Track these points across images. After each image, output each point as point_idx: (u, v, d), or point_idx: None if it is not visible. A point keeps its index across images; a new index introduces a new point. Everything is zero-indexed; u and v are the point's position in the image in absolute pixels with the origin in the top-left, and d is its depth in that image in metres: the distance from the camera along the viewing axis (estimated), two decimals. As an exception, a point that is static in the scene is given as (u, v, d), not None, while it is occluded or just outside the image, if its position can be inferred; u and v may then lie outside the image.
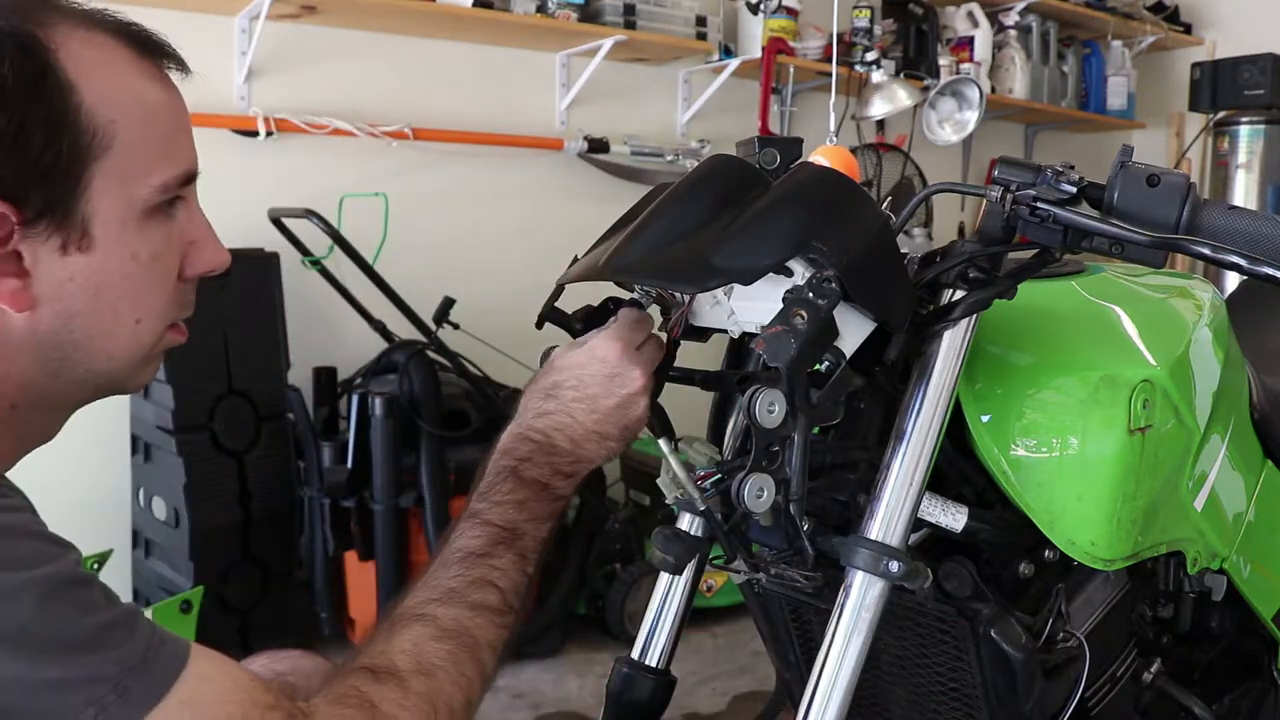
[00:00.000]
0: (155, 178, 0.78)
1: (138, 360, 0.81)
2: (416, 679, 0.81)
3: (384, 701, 0.78)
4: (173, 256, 0.81)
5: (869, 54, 3.66)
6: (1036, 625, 1.07)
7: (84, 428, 3.00)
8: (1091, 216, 0.93)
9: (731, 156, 1.03)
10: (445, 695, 0.82)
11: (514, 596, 0.90)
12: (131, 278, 0.78)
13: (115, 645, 0.68)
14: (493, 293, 3.01)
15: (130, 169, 0.76)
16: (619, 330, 0.98)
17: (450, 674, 0.83)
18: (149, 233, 0.78)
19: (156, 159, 0.78)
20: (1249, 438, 1.31)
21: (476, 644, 0.86)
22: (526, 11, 3.12)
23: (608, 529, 2.98)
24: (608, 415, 0.96)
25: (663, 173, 3.52)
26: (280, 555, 2.64)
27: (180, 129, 0.81)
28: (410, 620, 0.85)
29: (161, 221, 0.79)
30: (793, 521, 0.92)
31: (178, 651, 0.71)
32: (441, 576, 0.88)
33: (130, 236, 0.77)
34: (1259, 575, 1.29)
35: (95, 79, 0.75)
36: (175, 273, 0.82)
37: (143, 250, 0.78)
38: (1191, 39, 4.81)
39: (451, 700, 0.82)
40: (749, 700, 2.64)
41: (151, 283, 0.79)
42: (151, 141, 0.78)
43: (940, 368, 0.98)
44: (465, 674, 0.84)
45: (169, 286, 0.81)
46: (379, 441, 2.64)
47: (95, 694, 0.66)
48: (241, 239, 2.78)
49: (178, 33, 0.84)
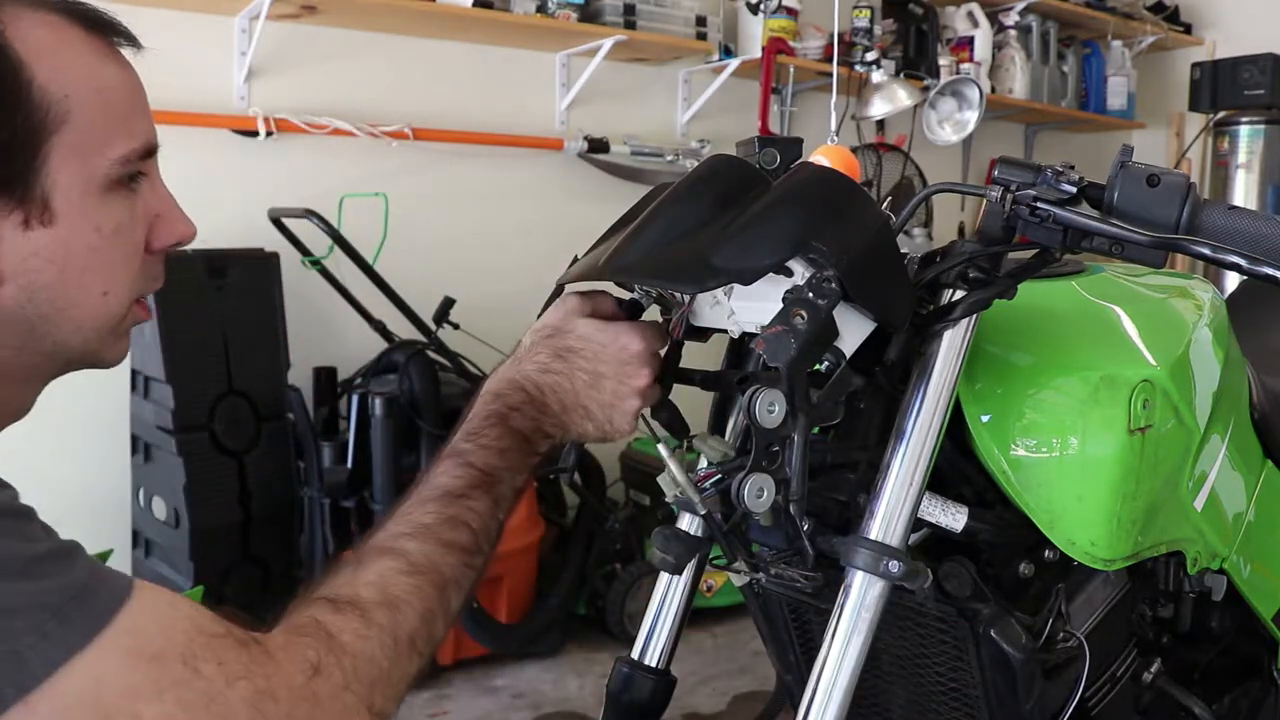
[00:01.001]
0: (114, 151, 0.78)
1: (107, 332, 0.82)
2: (379, 610, 0.80)
3: (343, 631, 0.77)
4: (138, 229, 0.82)
5: (869, 54, 3.66)
6: (1036, 625, 1.07)
7: (84, 428, 2.99)
8: (1091, 216, 0.93)
9: (731, 156, 1.02)
10: (408, 628, 0.81)
11: (485, 540, 0.90)
12: (96, 250, 0.78)
13: (56, 574, 0.68)
14: (493, 293, 3.01)
15: (87, 143, 0.77)
16: (647, 330, 0.99)
17: (415, 608, 0.82)
18: (111, 206, 0.79)
19: (114, 132, 0.78)
20: (1249, 438, 1.31)
21: (444, 581, 0.85)
22: (526, 11, 3.12)
23: (608, 529, 2.98)
24: (602, 397, 0.97)
25: (663, 173, 3.52)
26: (280, 555, 2.64)
27: (136, 103, 0.82)
28: (380, 553, 0.84)
29: (124, 195, 0.80)
30: (793, 521, 0.92)
31: (121, 582, 0.71)
32: (416, 513, 0.88)
33: (92, 210, 0.78)
34: (1259, 575, 1.29)
35: (46, 56, 0.75)
36: (141, 245, 0.83)
37: (106, 223, 0.79)
38: (1191, 39, 4.82)
39: (414, 634, 0.81)
40: (749, 700, 2.64)
41: (117, 255, 0.80)
42: (107, 116, 0.78)
43: (940, 368, 0.98)
44: (430, 610, 0.83)
45: (136, 259, 0.82)
46: (379, 441, 2.64)
47: (36, 620, 0.66)
48: (241, 239, 2.78)
49: (178, 33, 0.84)
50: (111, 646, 0.67)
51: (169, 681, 0.68)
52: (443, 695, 2.66)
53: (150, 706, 0.67)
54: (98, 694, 0.66)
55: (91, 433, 2.75)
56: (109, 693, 0.67)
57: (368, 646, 0.78)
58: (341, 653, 0.76)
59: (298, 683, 0.73)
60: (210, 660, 0.70)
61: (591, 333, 0.98)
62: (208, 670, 0.70)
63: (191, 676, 0.69)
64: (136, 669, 0.68)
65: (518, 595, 2.83)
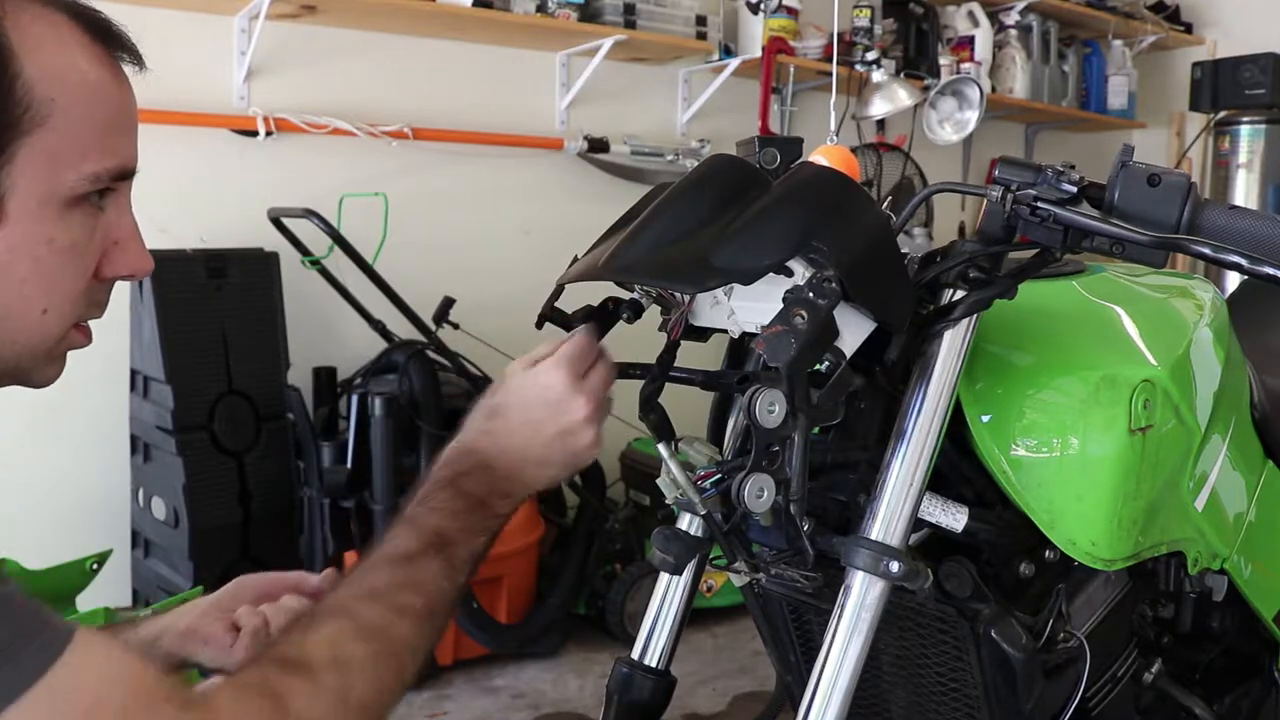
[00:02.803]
0: (87, 165, 0.75)
1: (41, 353, 0.78)
2: (329, 673, 0.77)
3: (291, 694, 0.74)
4: (92, 251, 0.78)
5: (869, 53, 3.66)
6: (1037, 625, 1.07)
7: (83, 428, 2.99)
8: (1092, 216, 0.93)
9: (731, 156, 1.02)
10: (358, 693, 0.78)
11: (439, 603, 0.87)
12: (43, 262, 0.74)
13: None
14: (493, 293, 3.01)
15: (62, 151, 0.73)
16: (563, 358, 0.97)
17: (366, 673, 0.79)
18: (70, 221, 0.75)
19: (92, 147, 0.75)
20: (1250, 438, 1.31)
21: (396, 646, 0.83)
22: (526, 11, 3.12)
23: (608, 529, 2.97)
24: (550, 442, 0.96)
25: (663, 173, 3.52)
26: (280, 555, 2.64)
27: (123, 122, 0.78)
28: (330, 615, 0.82)
29: (87, 213, 0.76)
30: (793, 521, 0.91)
31: (54, 638, 0.66)
32: (368, 576, 0.86)
33: (49, 220, 0.74)
34: (1259, 575, 1.29)
35: (39, 54, 0.72)
36: (91, 269, 0.78)
37: (60, 237, 0.75)
38: (1192, 38, 4.81)
39: (364, 699, 0.78)
40: (749, 700, 2.64)
41: (65, 273, 0.76)
42: (90, 127, 0.75)
43: (940, 368, 0.98)
44: (381, 675, 0.80)
45: (83, 282, 0.78)
46: (379, 441, 2.63)
47: None
48: (241, 239, 2.78)
49: (177, 32, 0.84)
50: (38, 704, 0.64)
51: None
52: (442, 695, 2.66)
53: None
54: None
55: (91, 433, 2.75)
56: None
57: (316, 710, 0.75)
58: (287, 716, 0.73)
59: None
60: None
61: (515, 385, 0.97)
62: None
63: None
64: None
65: (518, 595, 2.83)
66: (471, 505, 0.93)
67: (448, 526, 0.91)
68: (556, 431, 0.96)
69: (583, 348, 0.98)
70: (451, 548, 0.90)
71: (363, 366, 2.83)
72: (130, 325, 2.64)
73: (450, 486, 0.93)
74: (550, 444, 0.96)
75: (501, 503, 0.95)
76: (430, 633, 0.87)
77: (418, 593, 0.86)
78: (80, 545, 1.86)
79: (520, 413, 0.96)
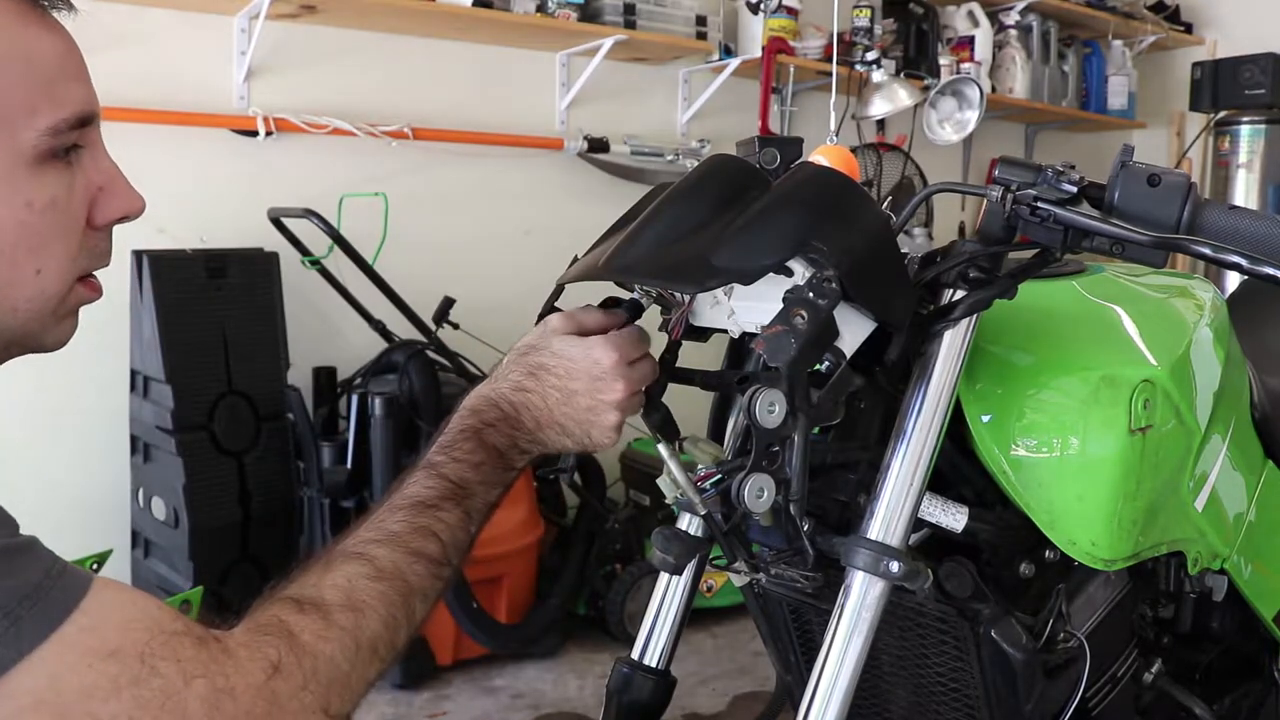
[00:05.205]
0: (41, 120, 0.74)
1: (46, 314, 0.78)
2: (342, 613, 0.79)
3: (304, 632, 0.76)
4: (76, 204, 0.78)
5: (869, 53, 3.66)
6: (1037, 625, 1.07)
7: (83, 428, 2.99)
8: (1092, 216, 0.93)
9: (731, 156, 1.02)
10: (370, 633, 0.80)
11: (454, 551, 0.90)
12: (27, 225, 0.74)
13: (8, 574, 0.67)
14: (493, 293, 3.01)
15: (8, 114, 0.72)
16: (621, 341, 0.98)
17: (379, 614, 0.81)
18: (44, 179, 0.75)
19: (40, 101, 0.74)
20: (1250, 438, 1.31)
21: (410, 590, 0.85)
22: (526, 11, 3.12)
23: (608, 529, 2.97)
24: (577, 413, 0.97)
25: (663, 173, 3.52)
26: (280, 555, 2.64)
27: (66, 69, 0.77)
28: (347, 557, 0.84)
29: (60, 168, 0.76)
30: (793, 521, 0.92)
31: (78, 579, 0.69)
32: (386, 520, 0.88)
33: (21, 183, 0.74)
34: (1260, 575, 1.29)
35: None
36: (81, 221, 0.78)
37: (38, 197, 0.74)
38: (1192, 38, 4.81)
39: (376, 639, 0.80)
40: (749, 700, 2.64)
41: (52, 231, 0.76)
42: (30, 83, 0.74)
43: (940, 368, 0.98)
44: (395, 616, 0.82)
45: (75, 235, 0.78)
46: (379, 441, 2.63)
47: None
48: (241, 239, 2.78)
49: (177, 32, 0.83)
50: (67, 645, 0.67)
51: (126, 679, 0.68)
52: (442, 695, 2.66)
53: (106, 705, 0.67)
54: (53, 693, 0.66)
55: (91, 433, 2.75)
56: (65, 692, 0.66)
57: (329, 648, 0.77)
58: (302, 653, 0.76)
59: (257, 681, 0.73)
60: (168, 658, 0.70)
61: (564, 349, 0.98)
62: (165, 668, 0.69)
63: (148, 674, 0.68)
64: (92, 667, 0.67)
65: (518, 595, 2.83)
66: (492, 457, 0.95)
67: (468, 477, 0.93)
68: (587, 405, 0.97)
69: (637, 338, 1.00)
70: (470, 498, 0.93)
71: (363, 366, 2.83)
72: (130, 325, 2.64)
73: (475, 437, 0.95)
74: (576, 415, 0.97)
75: (520, 458, 0.98)
76: (444, 577, 0.88)
77: (434, 539, 0.88)
78: (80, 545, 1.85)
79: (562, 379, 0.97)
